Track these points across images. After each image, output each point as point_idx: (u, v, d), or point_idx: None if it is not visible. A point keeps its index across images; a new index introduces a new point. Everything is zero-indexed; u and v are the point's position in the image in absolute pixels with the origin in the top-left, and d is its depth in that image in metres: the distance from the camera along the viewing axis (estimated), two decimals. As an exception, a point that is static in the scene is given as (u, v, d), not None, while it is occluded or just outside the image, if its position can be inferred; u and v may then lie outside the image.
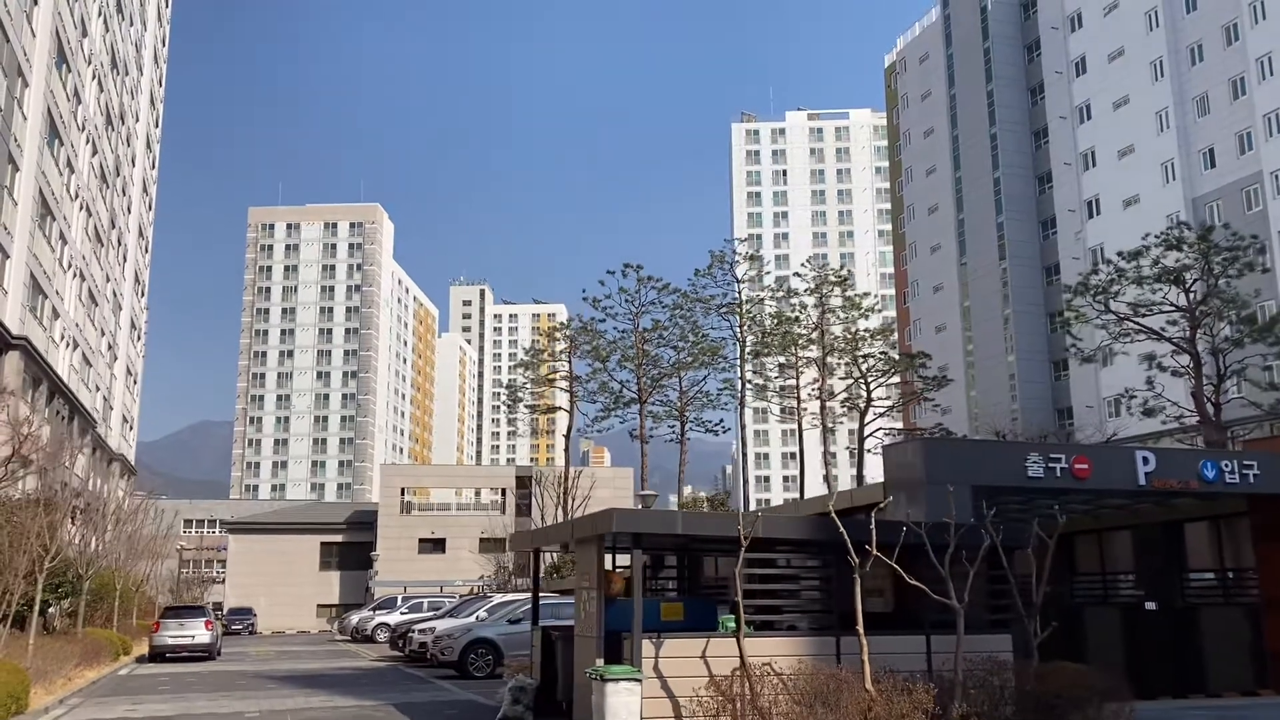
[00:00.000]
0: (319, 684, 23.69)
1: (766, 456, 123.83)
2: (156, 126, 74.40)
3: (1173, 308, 28.29)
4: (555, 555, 46.39)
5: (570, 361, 52.06)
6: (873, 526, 11.65)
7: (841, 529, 11.61)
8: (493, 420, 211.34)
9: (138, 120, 65.49)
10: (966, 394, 69.26)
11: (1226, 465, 18.15)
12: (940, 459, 17.00)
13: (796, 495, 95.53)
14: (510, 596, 31.35)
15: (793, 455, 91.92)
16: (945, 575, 12.03)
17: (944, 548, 12.26)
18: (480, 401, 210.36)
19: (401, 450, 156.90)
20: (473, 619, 29.13)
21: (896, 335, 59.10)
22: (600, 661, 13.53)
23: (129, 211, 64.26)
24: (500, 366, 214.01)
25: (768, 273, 52.39)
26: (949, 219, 75.60)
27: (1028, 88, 70.36)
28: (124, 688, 23.70)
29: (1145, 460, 17.82)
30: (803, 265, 51.38)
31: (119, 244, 60.98)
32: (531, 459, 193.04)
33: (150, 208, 73.60)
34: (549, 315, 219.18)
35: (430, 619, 31.80)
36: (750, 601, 12.76)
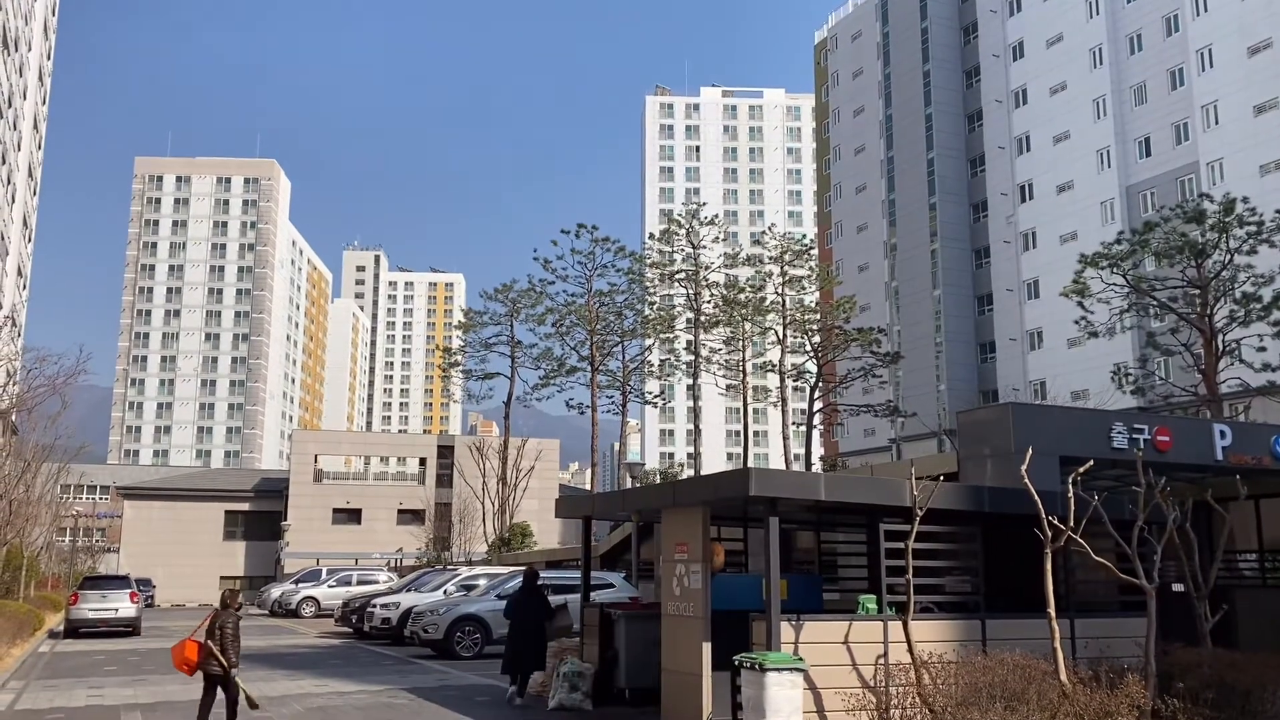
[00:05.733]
0: (287, 664, 21.33)
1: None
2: (49, 59, 68.72)
3: (1184, 282, 27.87)
4: (497, 525, 44.26)
5: (512, 326, 49.83)
6: (1071, 496, 10.20)
7: (1037, 500, 10.11)
8: (384, 390, 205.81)
9: (30, 49, 60.19)
10: (892, 375, 69.19)
11: (1296, 441, 17.53)
12: (1029, 426, 15.70)
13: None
14: (484, 569, 29.21)
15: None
16: (1132, 553, 10.69)
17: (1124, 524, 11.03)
18: (372, 370, 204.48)
19: (291, 418, 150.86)
20: (440, 594, 26.98)
21: (820, 308, 58.33)
22: (707, 646, 11.85)
23: (19, 148, 59.10)
24: (394, 335, 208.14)
25: (676, 251, 50.47)
26: (877, 199, 75.32)
27: (964, 70, 70.28)
28: (61, 668, 20.94)
29: (1223, 434, 17.10)
30: (764, 233, 50.07)
31: (8, 182, 55.98)
32: (425, 430, 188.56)
33: (40, 147, 68.05)
34: (446, 285, 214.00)
35: (387, 594, 29.47)
36: (895, 580, 11.22)
